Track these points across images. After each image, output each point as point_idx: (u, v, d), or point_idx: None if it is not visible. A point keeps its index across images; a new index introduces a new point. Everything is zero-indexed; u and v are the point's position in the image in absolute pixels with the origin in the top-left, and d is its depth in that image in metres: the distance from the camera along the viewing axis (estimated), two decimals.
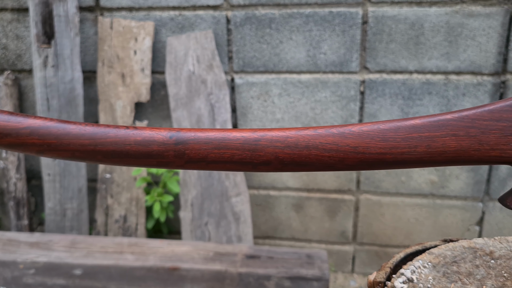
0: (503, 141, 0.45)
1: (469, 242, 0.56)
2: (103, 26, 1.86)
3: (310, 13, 1.76)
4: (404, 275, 0.51)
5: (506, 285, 0.52)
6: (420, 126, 0.46)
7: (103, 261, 1.66)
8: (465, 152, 0.46)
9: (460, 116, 0.46)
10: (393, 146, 0.45)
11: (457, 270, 0.53)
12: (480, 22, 1.69)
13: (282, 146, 0.45)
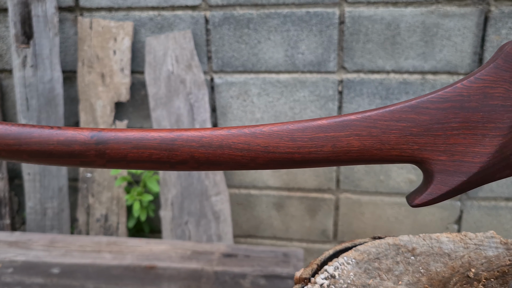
0: (402, 140, 0.47)
1: (394, 239, 0.58)
2: (82, 26, 1.87)
3: (287, 13, 1.78)
4: (327, 271, 0.53)
5: (421, 281, 0.53)
6: (326, 127, 0.47)
7: (81, 260, 1.67)
8: (368, 151, 0.47)
9: (363, 116, 0.48)
10: (301, 146, 0.46)
11: (378, 267, 0.54)
12: (455, 22, 1.70)
13: (197, 146, 0.46)
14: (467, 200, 1.91)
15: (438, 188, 0.47)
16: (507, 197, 1.88)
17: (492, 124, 0.46)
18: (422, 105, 0.47)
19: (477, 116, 0.47)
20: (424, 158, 0.47)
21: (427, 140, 0.47)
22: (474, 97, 0.47)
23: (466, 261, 0.56)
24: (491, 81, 0.47)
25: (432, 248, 0.57)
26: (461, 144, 0.47)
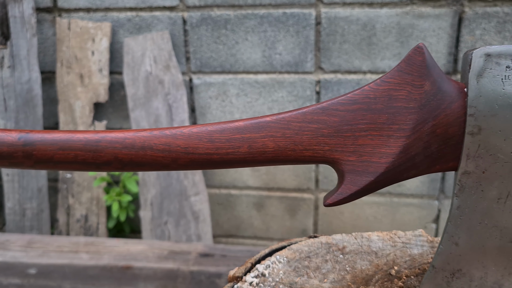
0: (314, 141, 0.48)
1: (327, 238, 0.59)
2: (61, 27, 1.87)
3: (264, 14, 1.78)
4: (257, 270, 0.54)
5: (345, 279, 0.54)
6: (242, 128, 0.48)
7: (58, 260, 1.68)
8: (282, 152, 0.48)
9: (277, 118, 0.49)
10: (219, 147, 0.47)
11: (307, 265, 0.55)
12: (430, 23, 1.72)
13: (120, 147, 0.47)
14: (444, 199, 1.93)
15: (348, 188, 0.48)
16: None
17: (397, 126, 0.47)
18: (332, 107, 0.48)
19: (383, 118, 0.48)
20: (335, 158, 0.48)
21: (337, 141, 0.48)
22: (380, 99, 0.48)
23: (391, 259, 0.57)
24: (395, 83, 0.48)
25: (361, 247, 0.58)
26: (369, 145, 0.48)
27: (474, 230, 0.49)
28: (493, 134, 0.46)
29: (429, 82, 0.47)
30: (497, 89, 0.46)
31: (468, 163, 0.47)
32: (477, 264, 0.49)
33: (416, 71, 0.47)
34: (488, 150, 0.47)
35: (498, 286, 0.49)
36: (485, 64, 0.46)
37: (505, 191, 0.47)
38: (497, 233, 0.48)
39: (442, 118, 0.47)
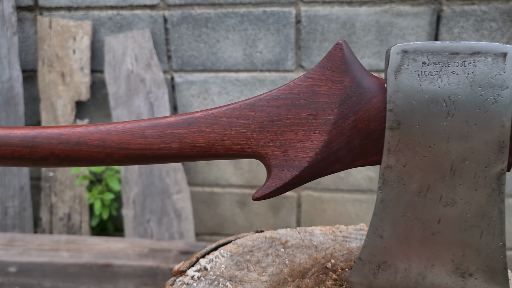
0: (242, 136, 0.49)
1: (272, 233, 0.59)
2: (42, 26, 1.87)
3: (244, 13, 1.79)
4: (200, 264, 0.54)
5: (283, 272, 0.55)
6: (173, 123, 0.49)
7: (38, 259, 1.68)
8: (212, 147, 0.49)
9: (207, 114, 0.49)
10: (151, 142, 0.48)
11: (249, 259, 0.56)
12: (409, 21, 1.73)
13: (56, 143, 0.47)
14: None
15: (274, 182, 0.48)
16: None
17: (319, 121, 0.48)
18: (259, 103, 0.49)
19: (306, 113, 0.48)
20: (262, 153, 0.49)
21: (264, 136, 0.49)
22: (303, 95, 0.49)
23: (330, 253, 0.58)
24: (317, 79, 0.49)
25: (303, 241, 0.59)
26: (294, 139, 0.48)
27: (398, 223, 0.49)
28: (411, 128, 0.47)
29: (348, 78, 0.48)
30: (414, 85, 0.47)
31: (389, 157, 0.48)
32: (401, 256, 0.50)
33: (336, 67, 0.48)
34: (407, 144, 0.47)
35: (422, 278, 0.50)
36: (402, 60, 0.47)
37: (425, 185, 0.48)
38: (419, 226, 0.49)
39: (363, 113, 0.48)
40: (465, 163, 0.47)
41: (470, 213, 0.48)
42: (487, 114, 0.46)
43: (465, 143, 0.47)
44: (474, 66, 0.46)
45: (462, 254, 0.49)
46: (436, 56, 0.46)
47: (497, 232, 0.48)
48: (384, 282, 0.51)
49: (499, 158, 0.47)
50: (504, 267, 0.49)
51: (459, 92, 0.46)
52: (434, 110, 0.46)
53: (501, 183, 0.47)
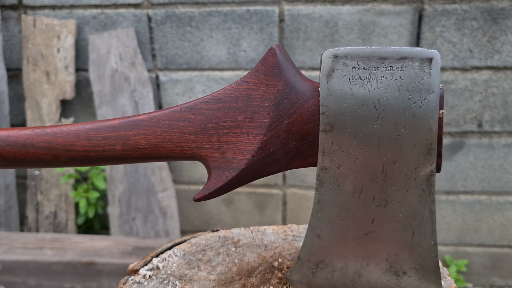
0: (183, 139, 0.50)
1: (226, 232, 0.60)
2: (26, 25, 1.87)
3: (228, 12, 1.80)
4: (152, 263, 0.55)
5: (231, 271, 0.56)
6: (117, 126, 0.50)
7: (22, 257, 1.69)
8: (154, 149, 0.50)
9: (149, 116, 0.51)
10: (95, 144, 0.49)
11: (200, 258, 0.57)
12: (391, 20, 1.74)
13: (4, 145, 0.48)
14: None
15: (214, 183, 0.49)
16: (447, 191, 1.93)
17: (255, 124, 0.49)
18: (198, 106, 0.50)
19: (242, 116, 0.50)
20: (202, 155, 0.50)
21: (203, 138, 0.50)
22: (240, 98, 0.50)
23: (278, 252, 0.59)
24: (253, 83, 0.50)
25: (254, 240, 0.60)
26: (231, 142, 0.50)
27: (334, 223, 0.51)
28: (344, 131, 0.48)
29: (282, 82, 0.49)
30: (345, 89, 0.48)
31: (324, 159, 0.49)
32: (338, 255, 0.52)
33: (269, 72, 0.49)
34: (340, 146, 0.48)
35: (358, 276, 0.51)
36: (334, 64, 0.48)
37: (359, 186, 0.49)
38: (354, 226, 0.51)
39: (297, 116, 0.49)
40: (396, 165, 0.48)
41: (402, 213, 0.49)
42: (414, 117, 0.47)
43: (395, 146, 0.48)
44: (402, 71, 0.47)
45: (395, 253, 0.50)
46: (365, 61, 0.47)
47: (428, 232, 0.49)
48: (322, 280, 0.52)
49: (428, 160, 0.48)
50: (436, 266, 0.50)
51: (388, 96, 0.47)
52: (365, 113, 0.47)
53: (431, 184, 0.49)
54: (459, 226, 1.98)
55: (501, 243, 1.99)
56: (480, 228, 1.97)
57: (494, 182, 1.89)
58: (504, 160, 1.85)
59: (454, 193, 1.93)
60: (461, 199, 1.94)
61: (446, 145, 1.85)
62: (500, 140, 1.83)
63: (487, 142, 1.84)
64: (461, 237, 2.00)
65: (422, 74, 0.46)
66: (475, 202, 1.93)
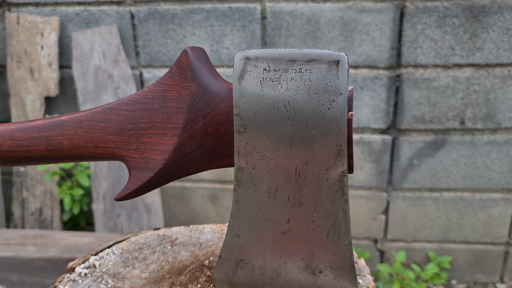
0: (103, 139, 0.50)
1: (165, 230, 0.61)
2: (10, 22, 1.88)
3: (210, 9, 1.80)
4: (89, 261, 0.56)
5: (163, 269, 0.57)
6: (40, 127, 0.50)
7: (4, 253, 1.70)
8: (76, 150, 0.50)
9: (72, 117, 0.51)
10: (20, 145, 0.50)
11: (136, 256, 0.58)
12: (373, 17, 1.73)
13: None
14: (393, 191, 1.96)
15: (133, 183, 0.50)
16: (430, 188, 1.93)
17: (170, 125, 0.50)
18: (117, 107, 0.51)
19: (159, 117, 0.50)
20: (122, 155, 0.51)
21: (123, 139, 0.50)
22: (156, 100, 0.50)
23: (211, 250, 0.60)
24: (168, 85, 0.50)
25: (191, 239, 0.61)
26: (149, 142, 0.50)
27: (251, 223, 0.51)
28: (257, 132, 0.49)
29: (195, 84, 0.49)
30: (257, 91, 0.48)
31: (240, 159, 0.50)
32: (256, 254, 0.52)
33: (183, 74, 0.49)
34: (254, 147, 0.49)
35: (277, 275, 0.52)
36: (245, 67, 0.48)
37: (274, 186, 0.50)
38: (271, 225, 0.51)
39: (211, 117, 0.49)
40: (308, 165, 0.49)
41: (316, 214, 0.49)
42: (324, 119, 0.47)
43: (306, 147, 0.48)
44: (310, 73, 0.47)
45: (311, 252, 0.51)
46: (275, 63, 0.48)
47: (342, 232, 0.50)
48: (242, 279, 0.53)
49: (339, 161, 0.48)
50: (351, 265, 0.50)
51: (298, 98, 0.47)
52: (276, 115, 0.48)
53: (343, 185, 0.49)
54: (442, 223, 1.99)
55: (484, 240, 1.99)
56: (464, 225, 1.97)
57: (477, 179, 1.89)
58: (487, 157, 1.85)
59: (437, 190, 1.93)
60: (445, 196, 1.94)
61: (428, 143, 1.85)
62: (482, 138, 1.83)
63: (470, 140, 1.84)
64: (444, 234, 2.01)
65: (330, 76, 0.47)
66: (458, 199, 1.93)
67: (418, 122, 1.83)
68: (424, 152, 1.88)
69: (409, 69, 1.78)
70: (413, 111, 1.82)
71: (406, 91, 1.80)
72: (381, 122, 1.86)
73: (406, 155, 1.89)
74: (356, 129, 1.88)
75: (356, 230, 2.05)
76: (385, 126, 1.86)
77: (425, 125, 1.83)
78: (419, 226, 2.00)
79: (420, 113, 1.82)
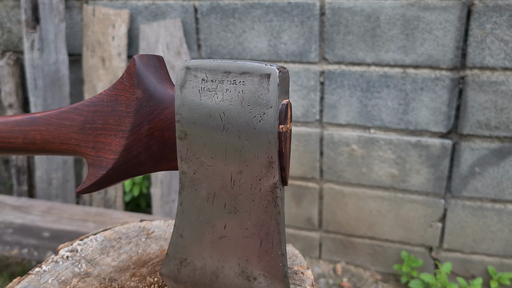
0: (68, 137, 0.53)
1: (147, 223, 0.64)
2: (87, 13, 2.02)
3: (270, 4, 1.81)
4: (72, 246, 0.61)
5: (131, 260, 0.60)
6: (19, 121, 0.55)
7: (68, 227, 1.85)
8: (47, 145, 0.54)
9: (44, 115, 0.55)
10: (3, 136, 0.55)
11: (114, 245, 0.62)
12: (437, 15, 1.65)
13: None
14: (451, 199, 1.86)
15: (89, 179, 0.53)
16: (493, 199, 1.81)
17: (121, 127, 0.52)
18: (80, 108, 0.54)
19: (112, 119, 0.52)
20: (82, 152, 0.54)
21: (83, 137, 0.53)
22: (110, 103, 0.52)
23: None
24: (120, 90, 0.52)
25: (165, 233, 0.63)
26: (103, 142, 0.53)
27: (193, 225, 0.52)
28: (196, 139, 0.49)
29: (140, 90, 0.51)
30: (196, 100, 0.49)
31: (182, 164, 0.51)
32: (197, 255, 0.53)
33: (130, 80, 0.51)
34: (194, 153, 0.50)
35: (215, 277, 0.53)
36: (186, 76, 0.49)
37: (212, 192, 0.50)
38: (210, 229, 0.52)
39: (157, 122, 0.51)
40: (242, 174, 0.49)
41: (250, 222, 0.49)
42: (255, 130, 0.47)
43: (240, 156, 0.48)
44: (244, 85, 0.47)
45: (246, 258, 0.51)
46: (213, 73, 0.48)
47: (275, 242, 0.49)
48: (186, 277, 0.54)
49: (270, 173, 0.48)
50: (284, 275, 0.50)
51: (232, 109, 0.47)
52: (212, 124, 0.48)
53: (276, 196, 0.48)
54: (505, 237, 1.86)
55: None
56: None
57: None
58: None
59: (501, 201, 1.81)
60: (509, 208, 1.81)
61: (493, 150, 1.74)
62: None
63: None
64: (507, 248, 1.87)
65: (261, 89, 0.46)
66: None
67: (483, 127, 1.72)
68: (488, 160, 1.76)
69: (475, 71, 1.67)
70: (477, 115, 1.71)
71: (471, 94, 1.70)
72: (441, 126, 1.77)
73: (468, 161, 1.78)
74: (413, 132, 1.81)
75: (410, 235, 1.97)
76: (445, 130, 1.77)
77: (490, 131, 1.72)
78: (479, 237, 1.88)
79: (485, 118, 1.71)
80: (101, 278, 0.56)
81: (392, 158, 1.88)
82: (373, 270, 2.12)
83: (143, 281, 0.57)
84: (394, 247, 2.03)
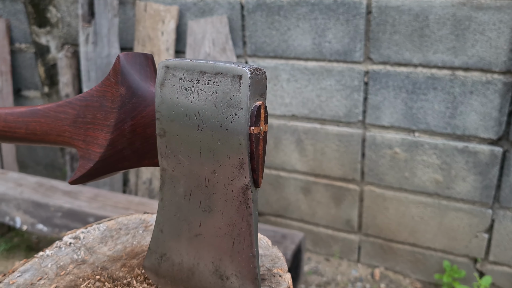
0: (62, 129, 0.55)
1: (148, 216, 0.66)
2: (139, 9, 2.09)
3: (315, 2, 1.79)
4: (76, 233, 0.63)
5: (125, 251, 0.61)
6: (23, 113, 0.57)
7: (110, 213, 1.93)
8: (46, 136, 0.56)
9: (43, 108, 0.57)
10: (10, 126, 0.57)
11: (113, 235, 0.63)
12: (490, 15, 1.57)
13: None
14: (499, 209, 1.77)
15: (79, 171, 0.54)
16: None
17: (107, 122, 0.53)
18: (73, 102, 0.55)
19: (100, 114, 0.53)
20: (75, 145, 0.56)
21: (75, 130, 0.55)
22: (98, 98, 0.53)
23: None
24: (107, 86, 0.53)
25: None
26: (92, 136, 0.54)
27: (172, 221, 0.52)
28: (173, 137, 0.49)
29: (124, 87, 0.52)
30: (174, 98, 0.49)
31: (162, 161, 0.51)
32: (175, 251, 0.53)
33: (115, 77, 0.52)
34: (172, 151, 0.50)
35: (192, 273, 0.53)
36: (165, 75, 0.49)
37: (188, 190, 0.50)
38: (186, 226, 0.52)
39: (139, 119, 0.51)
40: (215, 174, 0.48)
41: (223, 221, 0.49)
42: (227, 131, 0.46)
43: (213, 156, 0.48)
44: (217, 85, 0.46)
45: (219, 258, 0.50)
46: (189, 73, 0.48)
47: (246, 243, 0.48)
48: (165, 271, 0.55)
49: (241, 174, 0.47)
50: (254, 277, 0.49)
51: (206, 109, 0.47)
52: (188, 123, 0.48)
53: (247, 198, 0.48)
54: None
55: None
56: None
57: None
58: None
59: None
60: None
61: None
62: None
63: None
64: None
65: (233, 90, 0.46)
66: None
67: None
68: None
69: None
70: None
71: None
72: (491, 132, 1.68)
73: None
74: (461, 137, 1.73)
75: (453, 245, 1.89)
76: (495, 137, 1.68)
77: None
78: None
79: None
80: (95, 266, 0.59)
81: (437, 163, 1.81)
82: (413, 277, 2.05)
83: (132, 272, 0.59)
84: (436, 255, 1.96)
